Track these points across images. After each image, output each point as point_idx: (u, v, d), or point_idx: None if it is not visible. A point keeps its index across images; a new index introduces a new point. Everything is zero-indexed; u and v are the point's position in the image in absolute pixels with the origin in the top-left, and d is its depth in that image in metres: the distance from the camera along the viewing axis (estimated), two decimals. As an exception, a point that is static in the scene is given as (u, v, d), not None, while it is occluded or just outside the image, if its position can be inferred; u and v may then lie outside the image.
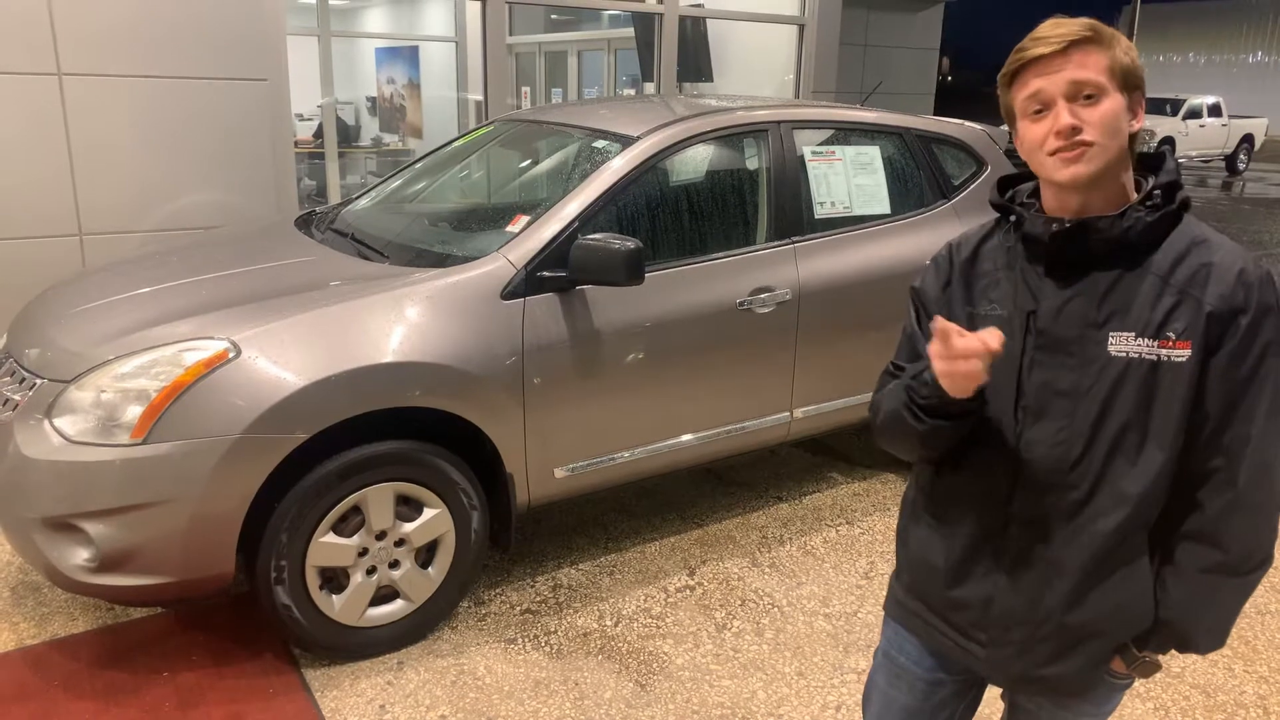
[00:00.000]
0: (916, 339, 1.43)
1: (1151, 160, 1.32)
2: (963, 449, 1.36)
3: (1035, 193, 1.35)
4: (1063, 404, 1.28)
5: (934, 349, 1.23)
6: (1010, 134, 1.33)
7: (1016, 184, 1.41)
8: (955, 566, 1.40)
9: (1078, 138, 1.20)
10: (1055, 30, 1.22)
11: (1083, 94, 1.21)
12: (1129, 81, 1.24)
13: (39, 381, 2.49)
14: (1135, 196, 1.28)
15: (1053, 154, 1.23)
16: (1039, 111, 1.24)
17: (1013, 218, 1.35)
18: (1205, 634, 1.34)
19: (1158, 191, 1.27)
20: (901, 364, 1.44)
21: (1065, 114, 1.21)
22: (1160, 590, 1.33)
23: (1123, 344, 1.25)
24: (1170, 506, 1.30)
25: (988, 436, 1.33)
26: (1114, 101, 1.22)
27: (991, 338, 1.19)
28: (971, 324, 1.34)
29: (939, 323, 1.21)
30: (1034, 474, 1.30)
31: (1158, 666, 1.37)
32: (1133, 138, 1.27)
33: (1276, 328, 1.23)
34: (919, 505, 1.48)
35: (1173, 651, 1.38)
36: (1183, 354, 1.22)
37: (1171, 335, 1.23)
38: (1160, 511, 1.31)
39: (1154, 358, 1.23)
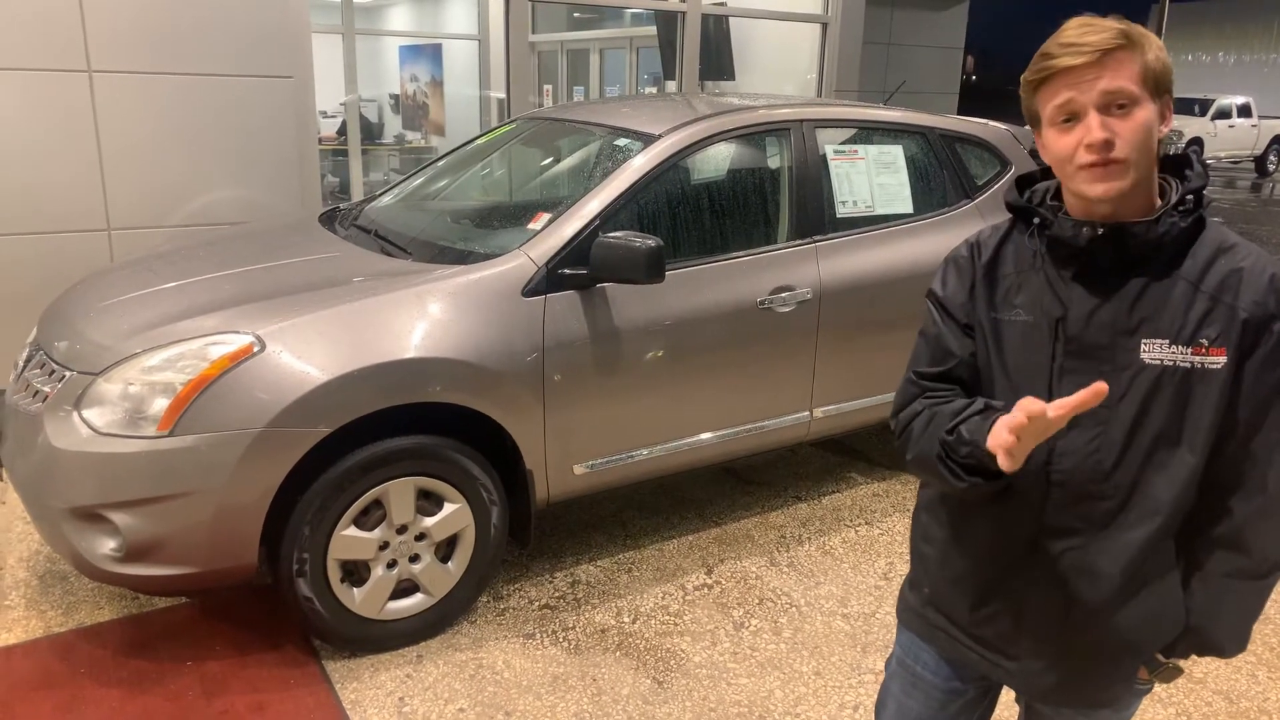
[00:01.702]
0: (945, 339, 1.37)
1: (1175, 162, 1.29)
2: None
3: (1056, 194, 1.31)
4: (1096, 413, 1.23)
5: (1014, 423, 1.10)
6: (1035, 136, 1.30)
7: (1033, 184, 1.37)
8: (983, 583, 1.37)
9: (1110, 155, 1.17)
10: (1086, 37, 1.17)
11: (1115, 104, 1.17)
12: (1160, 86, 1.20)
13: (68, 374, 2.53)
14: (1159, 201, 1.25)
15: (1082, 167, 1.19)
16: (1068, 120, 1.20)
17: (1036, 220, 1.31)
18: (1230, 638, 1.32)
19: (1190, 197, 1.24)
20: (924, 372, 1.39)
21: (1098, 128, 1.17)
22: (1187, 598, 1.31)
23: (1156, 351, 1.22)
24: (1196, 512, 1.28)
25: None
26: (1146, 111, 1.18)
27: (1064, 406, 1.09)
28: (995, 329, 1.32)
29: (1031, 405, 1.08)
30: (1066, 485, 1.28)
31: (1180, 672, 1.36)
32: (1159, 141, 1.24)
33: None
34: (939, 517, 1.44)
35: (1193, 656, 1.37)
36: (1217, 360, 1.21)
37: (1205, 342, 1.20)
38: (1185, 517, 1.29)
39: (1188, 365, 1.21)
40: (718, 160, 3.60)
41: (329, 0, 7.41)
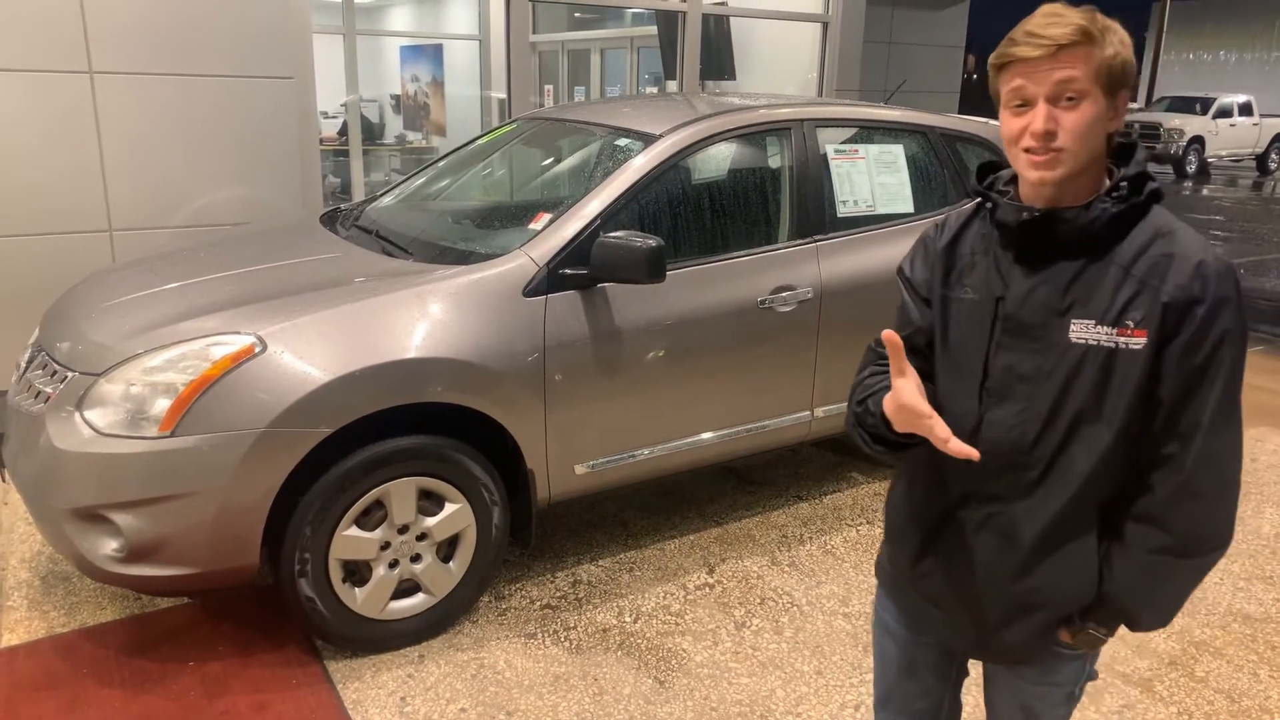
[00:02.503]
0: (908, 310, 1.48)
1: (1127, 150, 1.34)
2: None
3: (1013, 179, 1.38)
4: (1024, 388, 1.32)
5: (892, 403, 1.30)
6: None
7: (997, 170, 1.45)
8: (920, 541, 1.49)
9: (1051, 144, 1.23)
10: (1048, 29, 1.22)
11: (1065, 96, 1.23)
12: (1115, 83, 1.25)
13: (70, 374, 2.53)
14: (1099, 187, 1.31)
15: (1025, 151, 1.26)
16: (1020, 106, 1.26)
17: (988, 204, 1.39)
18: (1148, 612, 1.38)
19: (1124, 183, 1.29)
20: (878, 348, 1.49)
21: (1042, 118, 1.23)
22: (1106, 567, 1.37)
23: (1084, 331, 1.28)
24: (1125, 489, 1.35)
25: (952, 417, 1.36)
26: (1094, 105, 1.24)
27: (940, 429, 1.27)
28: (944, 306, 1.41)
29: (889, 337, 1.27)
30: (993, 454, 1.34)
31: (1102, 640, 1.42)
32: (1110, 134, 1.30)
33: (1233, 319, 1.25)
34: (900, 476, 1.57)
35: (1115, 626, 1.42)
36: (1139, 342, 1.26)
37: (1130, 323, 1.26)
38: (1115, 493, 1.35)
39: (1111, 345, 1.27)
40: (718, 160, 3.60)
41: (330, 0, 7.41)
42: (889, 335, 1.27)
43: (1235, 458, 1.30)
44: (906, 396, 1.27)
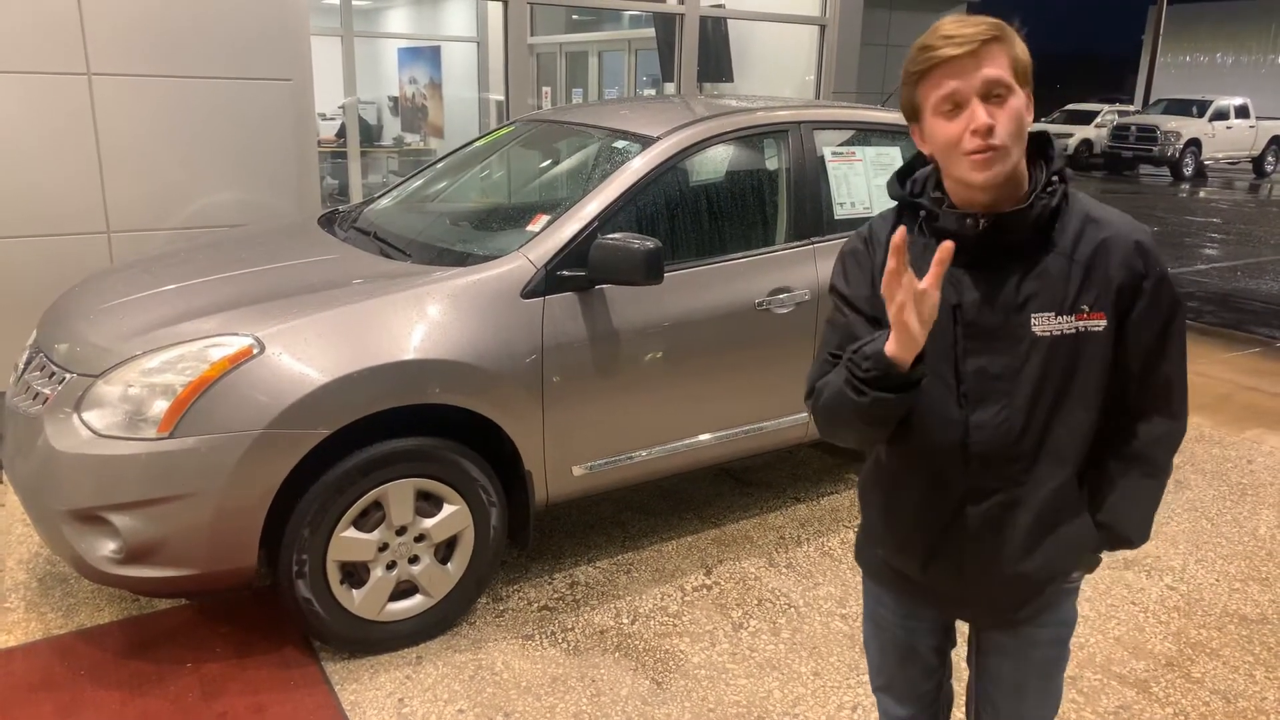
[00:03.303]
0: (855, 328, 1.43)
1: (1037, 144, 1.38)
2: (906, 434, 1.42)
3: (937, 183, 1.40)
4: (1000, 386, 1.37)
5: (896, 316, 1.23)
6: (910, 129, 1.39)
7: (912, 173, 1.46)
8: (927, 547, 1.50)
9: (991, 141, 1.26)
10: (963, 29, 1.26)
11: (994, 93, 1.27)
12: (1026, 77, 1.31)
13: (68, 376, 2.53)
14: (1026, 182, 1.35)
15: (968, 154, 1.28)
16: (952, 110, 1.28)
17: (922, 213, 1.40)
18: (1136, 530, 1.49)
19: (1055, 177, 1.35)
20: (838, 354, 1.44)
21: (981, 113, 1.26)
22: (1097, 499, 1.47)
23: (1045, 323, 1.34)
24: (1106, 436, 1.44)
25: (934, 426, 1.39)
26: (1019, 99, 1.29)
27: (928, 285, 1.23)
28: None
29: (896, 236, 1.19)
30: (984, 453, 1.39)
31: (1098, 561, 1.53)
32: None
33: (1173, 283, 1.38)
34: (878, 482, 1.56)
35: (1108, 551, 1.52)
36: (1099, 324, 1.34)
37: (1085, 308, 1.34)
38: (1092, 455, 1.45)
39: (1074, 331, 1.34)
40: (716, 162, 3.61)
41: (328, 2, 7.42)
42: (898, 238, 1.19)
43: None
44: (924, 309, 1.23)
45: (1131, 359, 1.38)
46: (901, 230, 1.21)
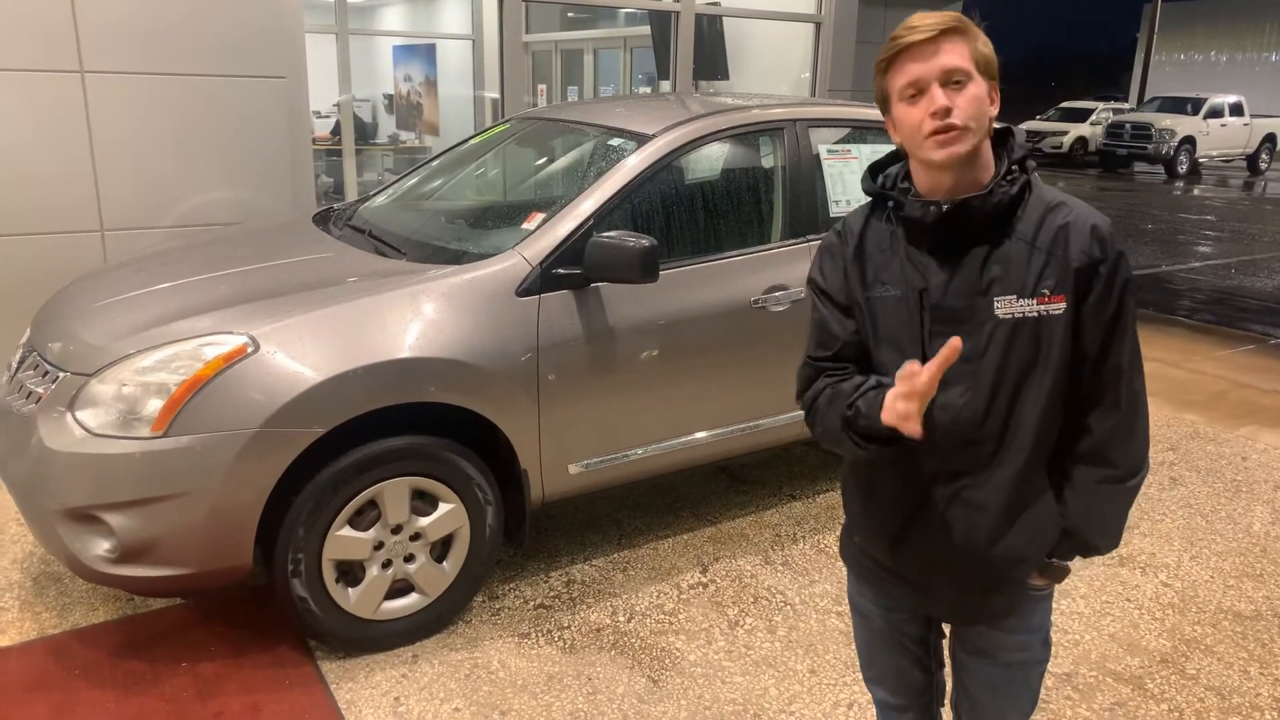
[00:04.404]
0: (828, 324, 1.53)
1: (1000, 135, 1.45)
2: None
3: (906, 175, 1.47)
4: (965, 368, 1.39)
5: (899, 392, 1.31)
6: (884, 119, 1.45)
7: (885, 169, 1.53)
8: (896, 530, 1.55)
9: (950, 120, 1.33)
10: (925, 20, 1.35)
11: (953, 80, 1.34)
12: (989, 70, 1.38)
13: (62, 375, 2.52)
14: (991, 172, 1.41)
15: (929, 135, 1.35)
16: (914, 96, 1.36)
17: (890, 203, 1.47)
18: (1103, 537, 1.52)
19: (1015, 166, 1.41)
20: (816, 356, 1.54)
21: (940, 95, 1.33)
22: (1061, 505, 1.50)
23: (1008, 306, 1.39)
24: (1063, 434, 1.47)
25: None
26: (978, 86, 1.36)
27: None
28: (869, 306, 1.49)
29: (908, 367, 1.29)
30: (950, 435, 1.43)
31: (1067, 570, 1.54)
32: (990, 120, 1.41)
33: (1128, 269, 1.42)
34: (856, 477, 1.63)
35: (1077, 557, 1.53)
36: (1059, 307, 1.39)
37: (1046, 291, 1.38)
38: (1056, 445, 1.47)
39: (1035, 314, 1.39)
40: (711, 160, 3.61)
41: (322, 0, 7.40)
42: (954, 343, 1.26)
43: (1144, 388, 1.48)
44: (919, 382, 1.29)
45: (1088, 344, 1.41)
46: (912, 364, 1.28)
